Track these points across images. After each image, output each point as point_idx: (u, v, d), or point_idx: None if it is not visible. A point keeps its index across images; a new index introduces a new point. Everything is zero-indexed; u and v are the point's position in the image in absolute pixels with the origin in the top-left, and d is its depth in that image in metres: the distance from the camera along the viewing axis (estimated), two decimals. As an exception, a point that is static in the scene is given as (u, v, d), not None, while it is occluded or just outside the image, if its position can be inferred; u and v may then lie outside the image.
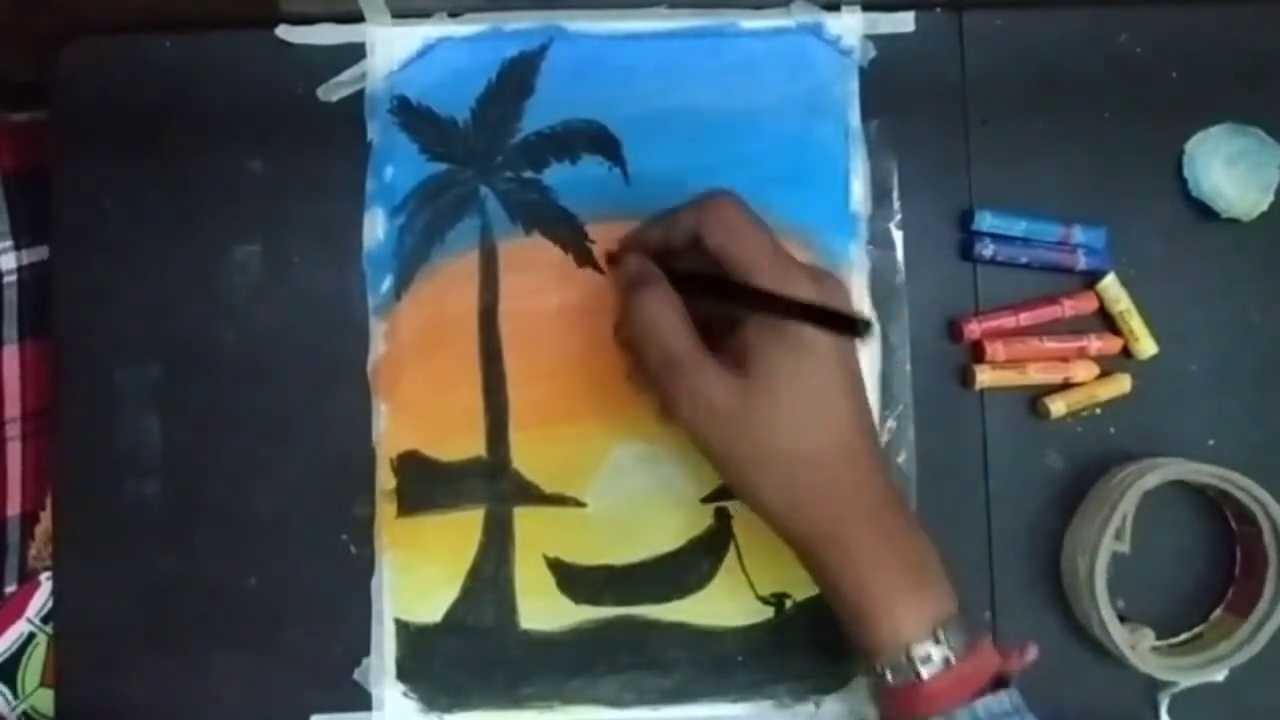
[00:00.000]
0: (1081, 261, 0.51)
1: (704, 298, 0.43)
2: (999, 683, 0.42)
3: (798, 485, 0.42)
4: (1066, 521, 0.51)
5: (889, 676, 0.41)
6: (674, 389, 0.42)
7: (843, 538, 0.42)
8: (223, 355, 0.51)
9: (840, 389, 0.42)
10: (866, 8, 0.52)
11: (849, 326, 0.39)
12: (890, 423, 0.51)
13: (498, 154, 0.51)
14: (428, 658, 0.50)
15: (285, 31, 0.51)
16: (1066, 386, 0.51)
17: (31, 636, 0.53)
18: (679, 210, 0.44)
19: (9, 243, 0.53)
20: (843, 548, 0.42)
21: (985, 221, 0.51)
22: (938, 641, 0.41)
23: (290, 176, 0.51)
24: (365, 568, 0.50)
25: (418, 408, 0.51)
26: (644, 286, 0.43)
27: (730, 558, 0.50)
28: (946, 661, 0.40)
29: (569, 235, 0.51)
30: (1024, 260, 0.51)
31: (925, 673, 0.40)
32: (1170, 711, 0.50)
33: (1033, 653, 0.44)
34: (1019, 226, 0.51)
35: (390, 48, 0.51)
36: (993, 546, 0.51)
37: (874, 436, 0.44)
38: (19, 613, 0.53)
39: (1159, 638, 0.50)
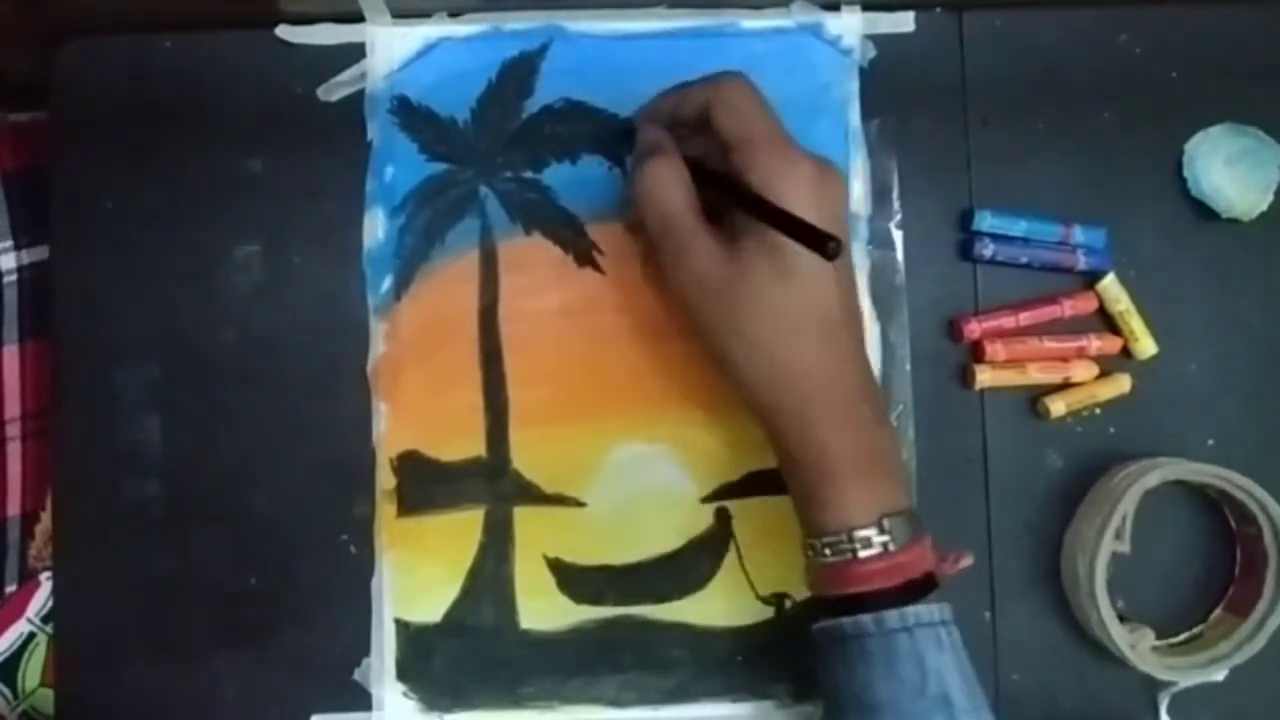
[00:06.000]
0: (1081, 261, 0.51)
1: (701, 184, 0.44)
2: (930, 585, 0.43)
3: (774, 362, 0.43)
4: (1066, 521, 0.51)
5: (828, 554, 0.43)
6: (668, 253, 0.44)
7: (809, 417, 0.43)
8: (223, 355, 0.51)
9: (824, 269, 0.42)
10: (866, 8, 0.52)
11: (818, 242, 0.40)
12: (890, 422, 0.51)
13: (498, 154, 0.51)
14: (428, 658, 0.50)
15: (285, 31, 0.51)
16: (1066, 386, 0.51)
17: (31, 636, 0.54)
18: (691, 85, 0.45)
19: (9, 243, 0.53)
20: (808, 426, 0.43)
21: (985, 221, 0.51)
22: (881, 531, 0.42)
23: (290, 176, 0.51)
24: (365, 568, 0.50)
25: (418, 408, 0.51)
26: (656, 154, 0.45)
27: (730, 558, 0.50)
28: (885, 548, 0.42)
29: (569, 235, 0.51)
30: (1024, 260, 0.51)
31: (862, 554, 0.42)
32: (1170, 711, 0.50)
33: (967, 560, 0.46)
34: (1019, 226, 0.51)
35: (390, 48, 0.51)
36: (993, 546, 0.51)
37: (856, 323, 0.45)
38: (19, 613, 0.53)
39: (1159, 638, 0.50)
